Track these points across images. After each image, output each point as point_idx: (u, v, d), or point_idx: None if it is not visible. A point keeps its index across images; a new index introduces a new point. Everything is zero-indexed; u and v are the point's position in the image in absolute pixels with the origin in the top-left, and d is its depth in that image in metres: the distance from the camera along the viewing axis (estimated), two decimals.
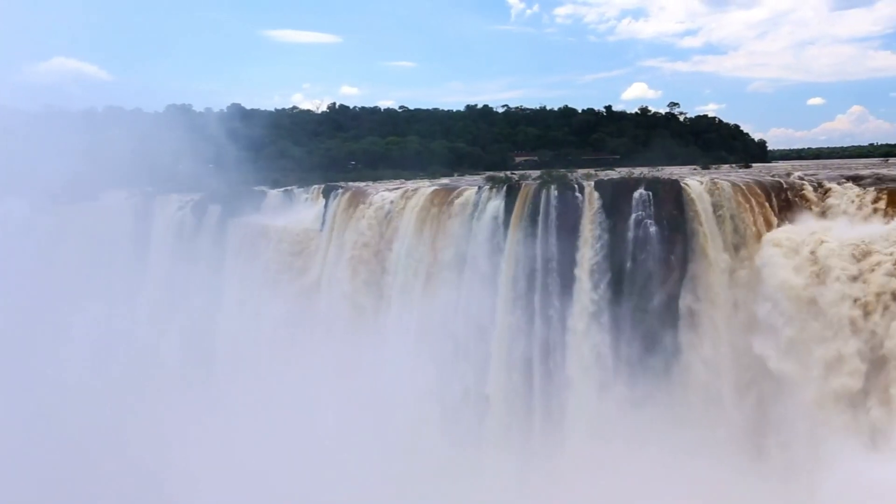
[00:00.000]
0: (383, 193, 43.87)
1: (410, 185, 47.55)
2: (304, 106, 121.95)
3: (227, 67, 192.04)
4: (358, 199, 44.77)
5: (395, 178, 59.12)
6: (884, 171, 35.34)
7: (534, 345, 33.40)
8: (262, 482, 32.96)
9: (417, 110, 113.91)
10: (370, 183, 52.35)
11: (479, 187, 37.79)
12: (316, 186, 54.46)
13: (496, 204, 35.84)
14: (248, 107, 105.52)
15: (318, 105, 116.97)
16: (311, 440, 34.36)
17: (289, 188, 56.64)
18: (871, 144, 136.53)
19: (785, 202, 30.93)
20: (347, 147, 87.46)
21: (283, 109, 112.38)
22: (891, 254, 25.55)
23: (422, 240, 38.76)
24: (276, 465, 33.10)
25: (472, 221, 36.53)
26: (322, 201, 49.91)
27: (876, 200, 29.40)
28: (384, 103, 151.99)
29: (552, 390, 32.70)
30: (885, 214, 29.07)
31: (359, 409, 35.66)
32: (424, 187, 42.84)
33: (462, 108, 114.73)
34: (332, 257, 44.57)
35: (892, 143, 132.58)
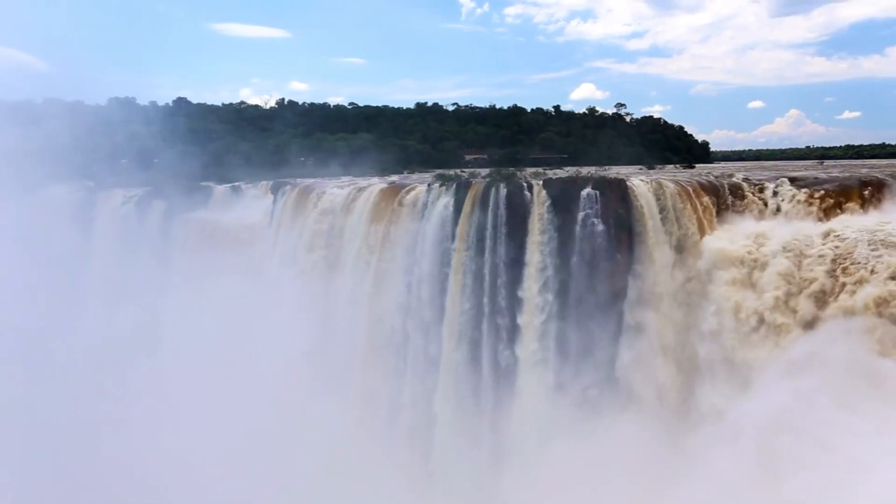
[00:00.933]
0: (333, 190, 43.65)
1: (360, 182, 47.39)
2: (253, 101, 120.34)
3: (173, 61, 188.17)
4: (307, 195, 44.45)
5: (345, 174, 58.71)
6: (820, 174, 36.58)
7: (483, 341, 33.65)
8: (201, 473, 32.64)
9: (368, 107, 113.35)
10: (319, 179, 51.96)
11: (429, 185, 37.90)
12: (264, 182, 53.88)
13: (446, 202, 35.98)
14: (195, 101, 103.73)
15: (267, 100, 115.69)
16: (250, 432, 34.10)
17: (236, 184, 55.84)
18: (808, 147, 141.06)
19: (727, 202, 31.92)
20: (296, 143, 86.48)
21: (231, 104, 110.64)
22: (828, 250, 26.67)
23: (371, 237, 38.70)
24: (215, 458, 32.81)
25: (422, 219, 36.63)
26: (270, 197, 49.40)
27: (812, 201, 30.94)
28: (334, 100, 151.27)
29: (501, 383, 32.98)
30: (821, 214, 30.60)
31: (303, 402, 35.48)
32: (374, 184, 42.77)
33: (412, 106, 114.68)
34: (280, 254, 44.16)
35: (827, 146, 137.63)
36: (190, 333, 44.63)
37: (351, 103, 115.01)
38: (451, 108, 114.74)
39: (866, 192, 31.60)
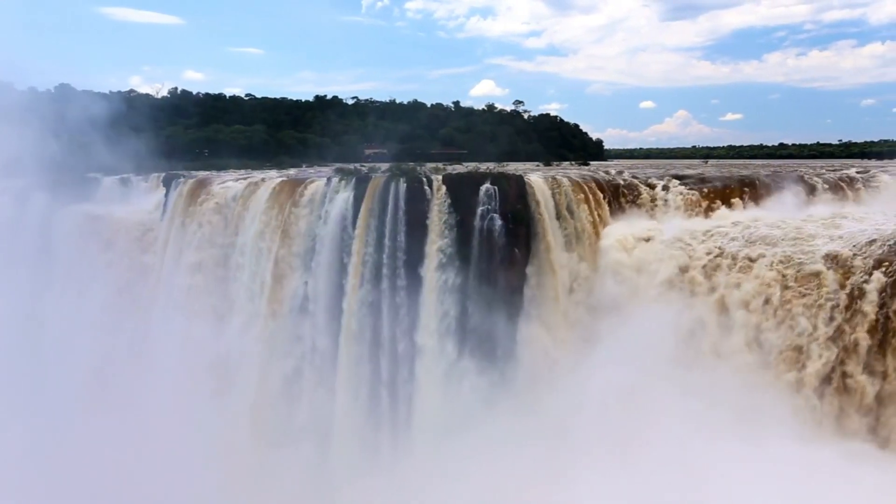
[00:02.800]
0: (229, 183, 42.49)
1: (257, 175, 46.31)
2: (144, 90, 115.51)
3: (56, 45, 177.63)
4: (201, 188, 43.06)
5: (242, 167, 57.22)
6: (705, 172, 38.57)
7: (382, 336, 33.59)
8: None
9: (266, 99, 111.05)
10: (214, 172, 50.44)
11: (329, 179, 37.45)
12: (155, 175, 51.78)
13: (345, 196, 35.65)
14: (80, 88, 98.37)
15: (159, 89, 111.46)
16: (136, 429, 32.99)
17: (125, 176, 53.38)
18: (694, 147, 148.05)
19: (619, 199, 33.24)
20: (190, 135, 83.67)
21: (120, 92, 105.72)
22: (712, 245, 28.26)
23: (268, 231, 37.92)
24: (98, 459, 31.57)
25: (321, 214, 36.18)
26: (162, 190, 47.56)
27: (699, 198, 33.04)
28: (230, 90, 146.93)
29: (400, 381, 33.03)
30: (707, 210, 32.63)
31: (196, 398, 34.57)
32: (272, 178, 41.91)
33: (312, 99, 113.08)
34: (172, 249, 42.63)
35: (712, 145, 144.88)
36: (72, 333, 42.64)
37: (248, 94, 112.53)
38: (351, 102, 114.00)
39: (746, 191, 33.72)
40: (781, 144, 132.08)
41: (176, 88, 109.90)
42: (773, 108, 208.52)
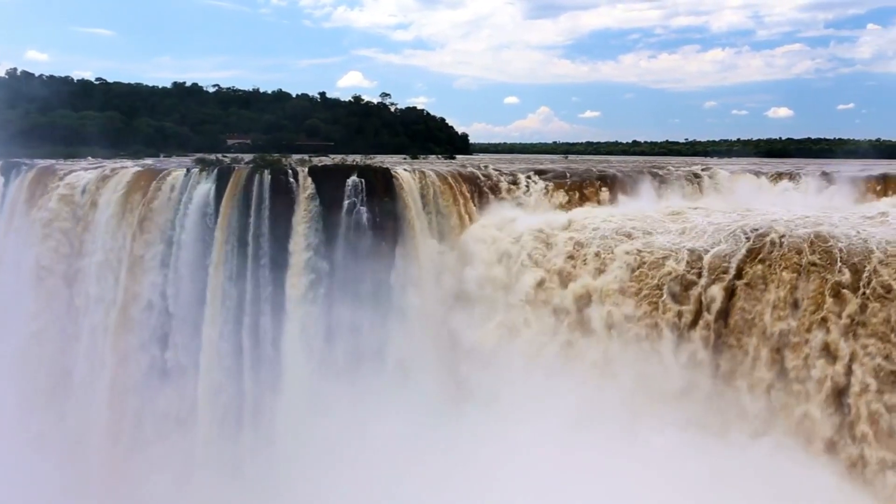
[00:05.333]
0: (78, 173, 39.77)
1: (110, 164, 43.67)
2: None
3: None
4: (47, 178, 40.10)
5: (92, 156, 53.75)
6: (566, 167, 40.20)
7: (245, 332, 32.68)
8: None
9: (117, 84, 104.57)
10: (62, 161, 47.11)
11: (188, 170, 35.90)
12: None
13: (206, 188, 34.31)
14: None
15: None
16: None
17: None
18: (555, 143, 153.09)
19: (484, 192, 34.07)
20: (32, 119, 77.69)
21: None
22: (570, 238, 29.52)
23: (124, 225, 35.91)
24: None
25: (180, 206, 34.64)
26: (0, 180, 43.94)
27: (558, 192, 34.59)
28: (79, 73, 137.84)
29: (264, 379, 32.27)
30: (566, 204, 34.04)
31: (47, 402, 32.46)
32: (126, 168, 39.69)
33: (169, 86, 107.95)
34: (12, 244, 39.53)
35: (571, 142, 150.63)
36: None
37: (98, 79, 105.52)
38: (212, 90, 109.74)
39: (603, 186, 35.48)
40: (635, 142, 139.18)
41: (15, 69, 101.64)
42: (628, 107, 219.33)
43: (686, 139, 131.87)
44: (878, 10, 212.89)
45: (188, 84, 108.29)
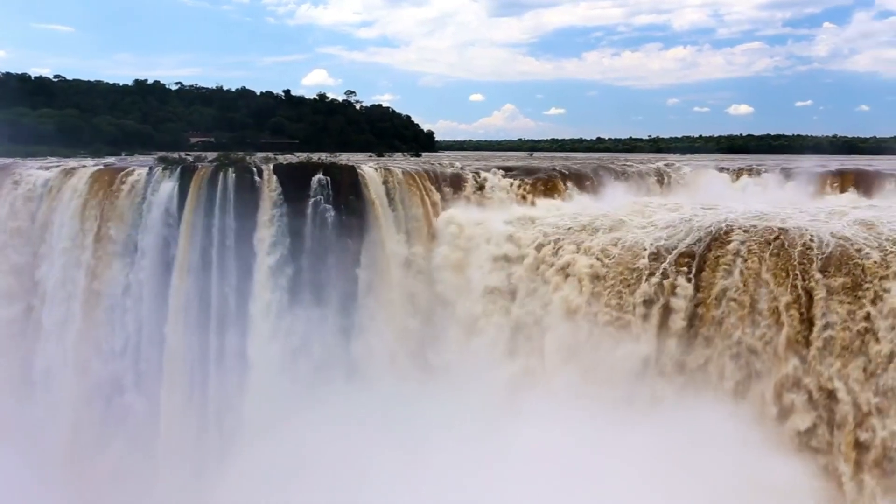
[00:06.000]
0: (37, 172, 38.97)
1: (70, 163, 42.80)
2: None
3: None
4: (4, 177, 39.22)
5: (51, 154, 52.66)
6: (532, 164, 40.50)
7: (211, 332, 32.34)
8: None
9: (77, 81, 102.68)
10: (19, 160, 46.04)
11: (151, 168, 35.39)
12: None
13: (169, 186, 33.86)
14: None
15: None
16: None
17: None
18: (520, 139, 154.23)
19: (450, 189, 34.13)
20: None
21: None
22: (538, 232, 29.79)
23: (85, 225, 35.25)
24: None
25: (143, 207, 34.12)
26: None
27: (524, 189, 34.74)
28: (37, 71, 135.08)
29: (230, 378, 31.95)
30: (533, 199, 34.30)
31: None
32: (87, 167, 38.96)
33: (131, 83, 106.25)
34: None
35: (537, 139, 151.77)
36: None
37: (57, 76, 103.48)
38: (174, 88, 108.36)
39: (569, 183, 35.76)
40: (599, 138, 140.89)
41: None
42: (592, 104, 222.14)
43: (649, 136, 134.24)
44: (834, 8, 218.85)
45: (150, 82, 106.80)
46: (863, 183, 35.82)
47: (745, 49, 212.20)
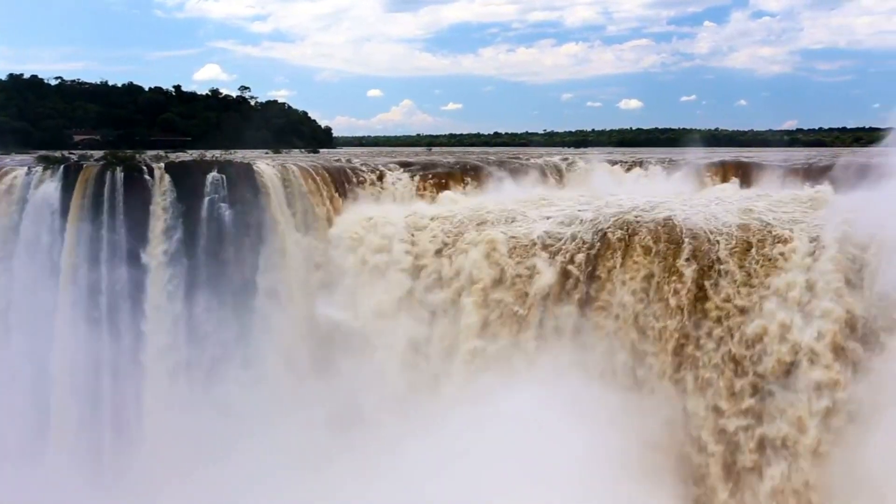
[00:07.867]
0: None
1: None
2: None
3: None
4: None
5: None
6: (429, 159, 40.75)
7: (103, 338, 30.97)
8: None
9: None
10: None
11: (30, 168, 33.48)
12: None
13: (51, 187, 32.12)
14: None
15: None
16: None
17: None
18: (418, 135, 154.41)
19: (349, 185, 33.95)
20: None
21: None
22: (437, 229, 30.33)
23: None
24: None
25: (22, 209, 32.18)
26: None
27: (423, 184, 34.97)
28: None
29: (125, 386, 30.76)
30: (430, 194, 34.61)
31: None
32: None
33: (5, 77, 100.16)
34: None
35: (434, 134, 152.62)
36: None
37: None
38: (54, 83, 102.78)
39: (467, 177, 36.24)
40: (496, 133, 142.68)
41: None
42: (488, 99, 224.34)
43: (545, 130, 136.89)
44: (714, 8, 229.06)
45: (26, 76, 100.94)
46: (742, 173, 37.87)
47: (634, 46, 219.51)
